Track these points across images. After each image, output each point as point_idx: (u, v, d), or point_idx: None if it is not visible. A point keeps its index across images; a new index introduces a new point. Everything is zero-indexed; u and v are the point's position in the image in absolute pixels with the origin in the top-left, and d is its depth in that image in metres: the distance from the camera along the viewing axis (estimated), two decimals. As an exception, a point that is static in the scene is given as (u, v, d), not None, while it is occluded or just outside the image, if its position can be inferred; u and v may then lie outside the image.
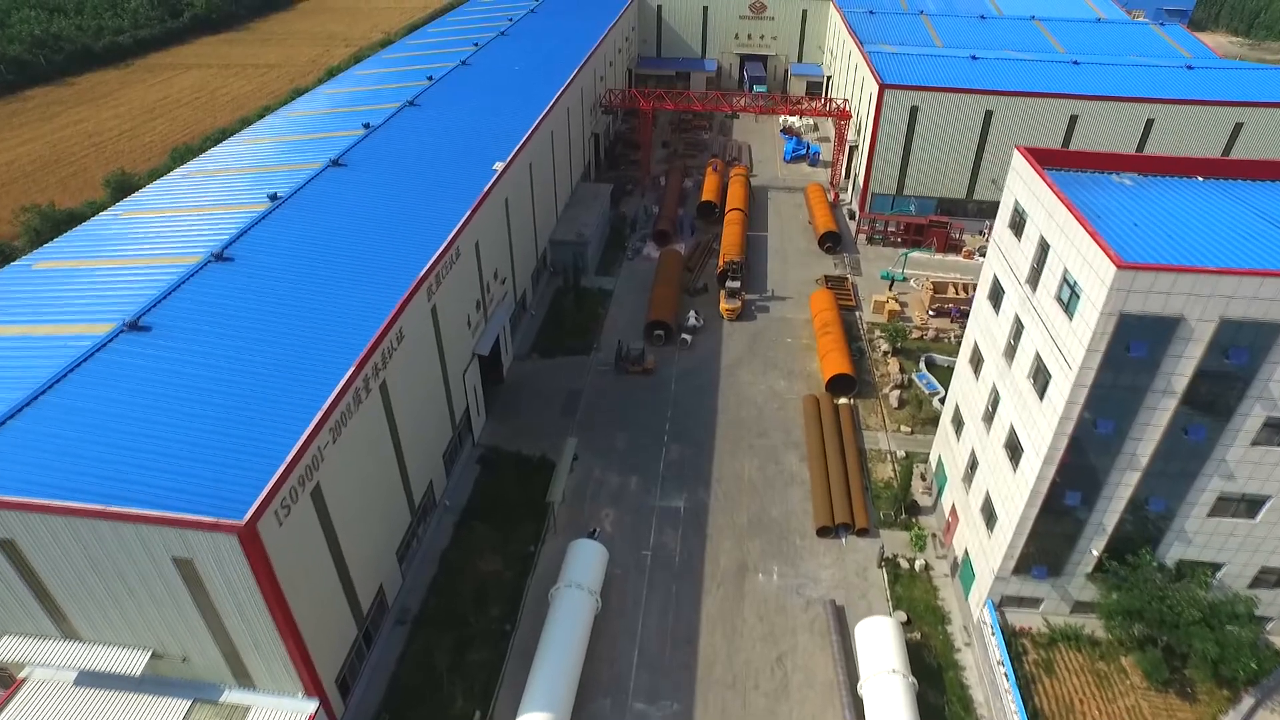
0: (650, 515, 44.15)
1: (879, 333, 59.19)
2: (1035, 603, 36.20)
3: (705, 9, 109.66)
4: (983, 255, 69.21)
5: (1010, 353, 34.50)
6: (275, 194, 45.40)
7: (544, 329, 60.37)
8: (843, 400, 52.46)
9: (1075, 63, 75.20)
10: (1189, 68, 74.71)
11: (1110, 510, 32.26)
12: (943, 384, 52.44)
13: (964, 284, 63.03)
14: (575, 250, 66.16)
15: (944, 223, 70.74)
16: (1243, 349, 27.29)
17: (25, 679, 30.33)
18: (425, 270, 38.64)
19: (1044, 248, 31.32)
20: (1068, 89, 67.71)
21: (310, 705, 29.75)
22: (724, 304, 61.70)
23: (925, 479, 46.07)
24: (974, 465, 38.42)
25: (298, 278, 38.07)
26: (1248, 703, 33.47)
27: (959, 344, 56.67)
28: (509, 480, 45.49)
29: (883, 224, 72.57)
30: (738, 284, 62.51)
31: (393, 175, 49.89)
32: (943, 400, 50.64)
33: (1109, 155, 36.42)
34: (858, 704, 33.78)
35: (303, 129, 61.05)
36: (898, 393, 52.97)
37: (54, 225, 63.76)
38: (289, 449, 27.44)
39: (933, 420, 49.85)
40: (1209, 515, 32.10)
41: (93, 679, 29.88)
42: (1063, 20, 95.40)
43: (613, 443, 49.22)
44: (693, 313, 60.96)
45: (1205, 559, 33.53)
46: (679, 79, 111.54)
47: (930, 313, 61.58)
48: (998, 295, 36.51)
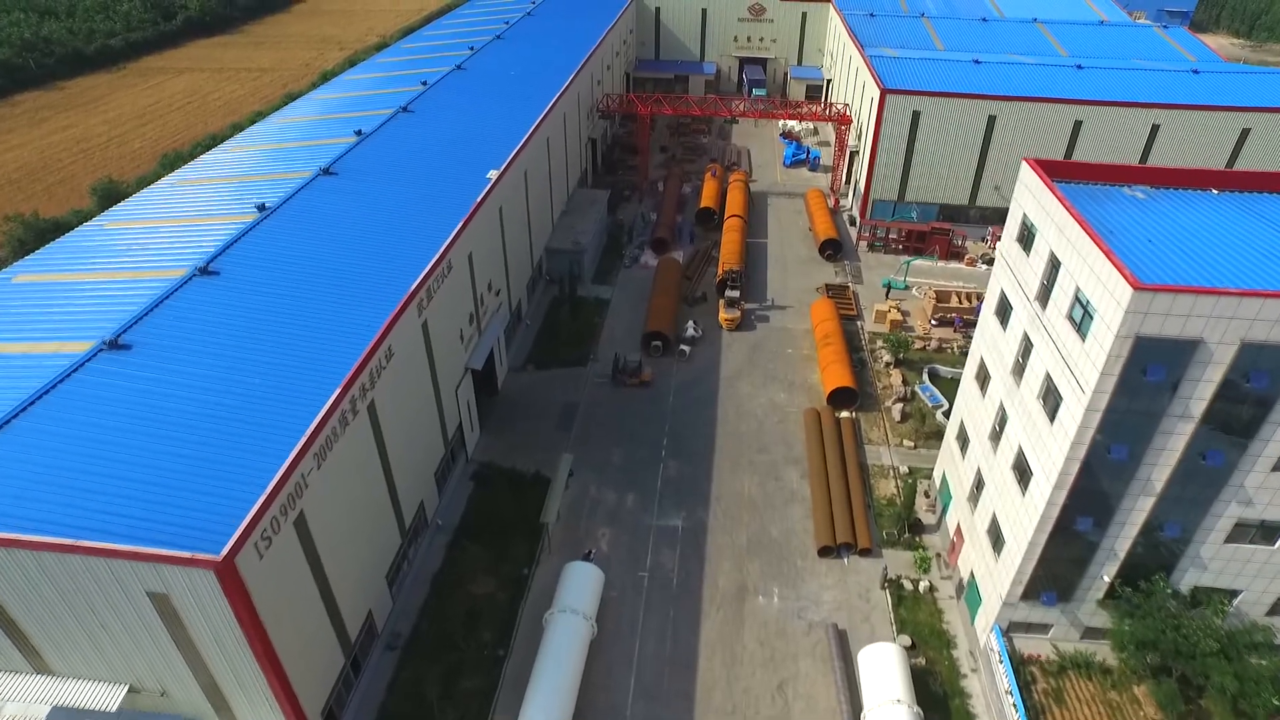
0: (647, 534, 43.02)
1: (881, 343, 58.02)
2: (1044, 629, 35.05)
3: (704, 11, 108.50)
4: (986, 262, 68.29)
5: (1018, 371, 33.37)
6: (264, 204, 44.22)
7: (539, 339, 59.18)
8: (844, 413, 51.36)
9: (1079, 67, 74.11)
10: (1194, 71, 73.64)
11: (1123, 536, 31.15)
12: (946, 396, 51.32)
13: (967, 293, 61.98)
14: (571, 259, 64.94)
15: (946, 230, 69.64)
16: (1264, 373, 26.21)
17: (-3, 715, 29.20)
18: (415, 285, 37.51)
19: (1054, 264, 30.19)
20: (1072, 94, 66.70)
21: (294, 741, 28.65)
22: (723, 313, 60.59)
23: (929, 496, 44.95)
24: (980, 485, 37.29)
25: (284, 293, 36.88)
26: (1267, 735, 32.32)
27: (963, 355, 55.83)
28: (503, 498, 44.31)
29: (884, 231, 71.45)
30: (737, 293, 61.40)
31: (384, 184, 48.70)
32: (946, 414, 49.51)
33: (1119, 167, 35.28)
34: (862, 735, 32.73)
35: (294, 136, 59.83)
36: (900, 405, 51.86)
37: (39, 235, 62.00)
38: (270, 477, 26.32)
39: (936, 434, 48.69)
40: (1225, 541, 31.02)
41: (67, 715, 28.70)
42: (1065, 23, 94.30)
43: (609, 458, 48.08)
44: (691, 323, 59.79)
45: (1221, 585, 32.44)
46: (677, 82, 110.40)
47: (933, 322, 60.47)
48: (1005, 311, 35.37)
